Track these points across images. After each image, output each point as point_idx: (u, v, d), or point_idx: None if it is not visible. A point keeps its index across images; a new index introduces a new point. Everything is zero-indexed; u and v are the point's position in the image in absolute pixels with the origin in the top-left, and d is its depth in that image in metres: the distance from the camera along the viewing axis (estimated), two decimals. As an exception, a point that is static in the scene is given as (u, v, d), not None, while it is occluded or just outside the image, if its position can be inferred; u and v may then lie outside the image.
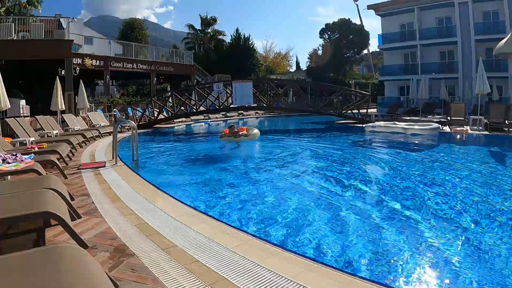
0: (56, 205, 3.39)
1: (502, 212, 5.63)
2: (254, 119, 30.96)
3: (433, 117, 20.43)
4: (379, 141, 15.00)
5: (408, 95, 30.44)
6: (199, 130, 22.91)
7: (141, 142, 12.81)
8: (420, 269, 3.86)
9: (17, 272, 1.97)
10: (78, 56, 25.39)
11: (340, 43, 51.13)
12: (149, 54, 34.79)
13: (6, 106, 11.59)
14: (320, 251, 4.29)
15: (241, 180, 8.25)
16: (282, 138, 16.97)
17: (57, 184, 4.36)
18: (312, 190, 7.28)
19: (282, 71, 69.46)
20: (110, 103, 26.93)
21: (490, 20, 29.71)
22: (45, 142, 9.26)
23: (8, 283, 1.85)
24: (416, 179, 7.99)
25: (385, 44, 36.45)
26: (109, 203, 5.29)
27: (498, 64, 27.81)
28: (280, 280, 3.00)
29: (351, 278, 3.15)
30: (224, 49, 50.87)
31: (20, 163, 5.75)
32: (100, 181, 6.79)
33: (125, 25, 47.06)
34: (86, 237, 3.91)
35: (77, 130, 14.76)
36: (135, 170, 8.32)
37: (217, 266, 3.25)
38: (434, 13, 32.85)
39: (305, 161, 11.30)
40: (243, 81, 23.27)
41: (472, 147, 13.55)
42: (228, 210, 5.82)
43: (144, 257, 3.44)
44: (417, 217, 5.42)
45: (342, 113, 22.92)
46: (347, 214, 5.62)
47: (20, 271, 1.97)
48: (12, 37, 22.18)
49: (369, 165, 10.42)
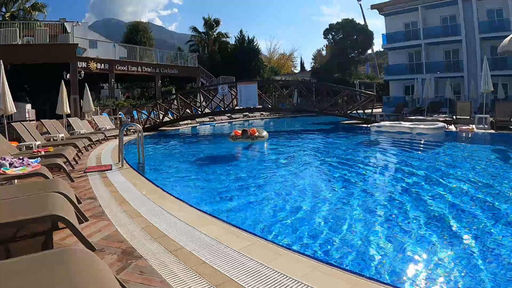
0: (63, 208, 3.40)
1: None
2: (259, 121, 30.94)
3: (438, 116, 20.36)
4: (385, 141, 14.94)
5: (413, 94, 30.34)
6: (205, 132, 22.94)
7: (147, 144, 12.84)
8: (432, 269, 3.85)
9: (26, 275, 1.98)
10: (83, 59, 25.52)
11: (344, 43, 51.06)
12: (154, 57, 34.90)
13: (12, 110, 11.68)
14: (330, 251, 4.28)
15: (248, 181, 8.24)
16: (288, 139, 16.95)
17: (64, 187, 4.37)
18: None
19: (286, 72, 69.45)
20: (116, 106, 27.03)
21: (494, 18, 29.61)
22: (51, 146, 9.31)
23: (19, 285, 1.86)
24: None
25: (390, 44, 36.39)
26: (116, 206, 5.31)
27: (503, 62, 27.69)
28: (287, 281, 2.99)
29: (358, 278, 3.14)
30: (228, 50, 50.90)
31: (27, 167, 5.78)
32: (107, 184, 6.81)
33: (129, 28, 47.21)
34: (94, 240, 3.92)
35: (83, 134, 14.82)
36: (141, 173, 8.33)
37: (225, 268, 3.25)
38: (438, 12, 32.78)
39: (314, 160, 11.29)
40: (248, 83, 23.29)
41: (479, 146, 13.46)
42: (235, 211, 5.82)
43: (151, 260, 3.45)
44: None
45: (347, 113, 22.90)
46: (361, 214, 5.61)
47: (29, 274, 1.98)
48: (17, 41, 22.36)
49: (376, 164, 10.40)
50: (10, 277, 1.95)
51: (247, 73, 43.49)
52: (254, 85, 22.76)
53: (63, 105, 16.34)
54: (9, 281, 1.92)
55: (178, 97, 23.26)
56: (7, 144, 8.08)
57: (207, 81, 38.65)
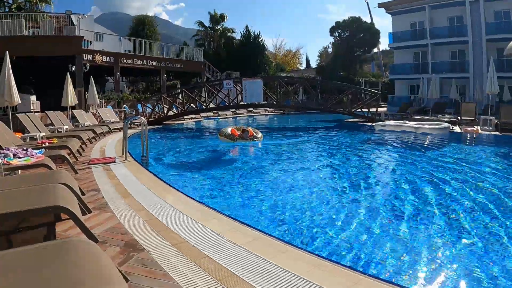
0: (67, 199, 3.39)
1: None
2: (263, 117, 30.94)
3: (443, 117, 20.29)
4: (390, 140, 14.89)
5: (418, 94, 30.23)
6: (209, 127, 22.92)
7: (151, 138, 12.83)
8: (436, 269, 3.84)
9: (29, 265, 1.98)
10: (88, 52, 25.56)
11: (350, 41, 50.84)
12: (159, 51, 34.90)
13: (17, 101, 11.71)
14: (335, 249, 4.28)
15: (251, 176, 8.25)
16: (291, 136, 16.94)
17: (67, 179, 4.37)
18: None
19: (292, 68, 69.34)
20: (120, 99, 27.07)
21: (501, 19, 29.43)
22: (56, 137, 9.31)
23: (21, 276, 1.86)
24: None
25: (396, 43, 36.20)
26: (119, 199, 5.31)
27: (509, 64, 27.54)
28: (290, 276, 2.98)
29: (361, 276, 3.12)
30: (234, 46, 50.80)
31: (30, 158, 5.79)
32: (110, 177, 6.82)
33: (135, 22, 47.16)
34: (97, 231, 3.92)
35: (87, 126, 14.83)
36: (145, 166, 8.34)
37: (227, 262, 3.24)
38: (446, 12, 32.58)
39: (318, 158, 11.27)
40: (253, 79, 23.28)
41: (484, 147, 13.40)
42: (238, 206, 5.82)
43: (154, 253, 3.44)
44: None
45: (352, 111, 22.85)
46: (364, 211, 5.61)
47: (32, 264, 1.98)
48: (23, 33, 22.38)
49: (379, 163, 10.39)
50: (12, 268, 1.95)
51: (252, 69, 43.43)
52: (259, 81, 22.73)
53: (68, 97, 16.36)
54: (11, 271, 1.92)
55: (183, 91, 23.28)
56: (11, 135, 8.10)
57: (212, 76, 38.62)
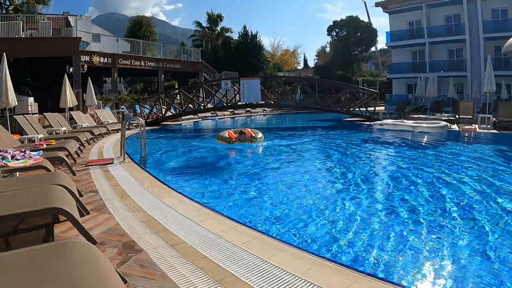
0: (65, 201, 3.40)
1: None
2: (261, 116, 30.94)
3: (441, 115, 20.32)
4: (388, 139, 14.91)
5: (416, 93, 30.29)
6: (207, 127, 22.92)
7: (149, 139, 12.82)
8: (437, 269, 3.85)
9: (27, 267, 1.98)
10: (86, 53, 25.54)
11: (348, 40, 50.88)
12: (157, 52, 34.90)
13: (14, 103, 11.68)
14: (336, 247, 4.28)
15: (248, 176, 8.25)
16: (291, 135, 16.94)
17: (65, 180, 4.37)
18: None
19: (290, 68, 69.33)
20: (118, 100, 27.04)
21: (498, 18, 29.47)
22: (54, 139, 9.32)
23: (19, 278, 1.86)
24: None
25: (393, 42, 36.27)
26: (117, 200, 5.31)
27: (507, 62, 27.59)
28: (288, 276, 2.99)
29: (359, 275, 3.13)
30: (231, 46, 50.85)
31: (28, 160, 5.78)
32: (108, 178, 6.82)
33: (133, 22, 47.14)
34: (95, 233, 3.93)
35: (85, 127, 14.81)
36: (143, 167, 8.34)
37: (225, 262, 3.25)
38: (443, 11, 32.65)
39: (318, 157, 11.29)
40: (251, 78, 23.29)
41: (482, 145, 13.42)
42: (236, 206, 5.83)
43: (152, 253, 3.45)
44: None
45: (350, 110, 22.85)
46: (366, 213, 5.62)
47: (30, 266, 1.98)
48: (21, 35, 22.35)
49: (378, 161, 10.41)
50: (10, 269, 1.95)
51: (250, 68, 43.44)
52: (257, 80, 22.75)
53: (66, 98, 16.32)
54: (9, 273, 1.92)
55: (181, 92, 23.27)
56: (9, 136, 8.09)
57: (210, 76, 38.62)
